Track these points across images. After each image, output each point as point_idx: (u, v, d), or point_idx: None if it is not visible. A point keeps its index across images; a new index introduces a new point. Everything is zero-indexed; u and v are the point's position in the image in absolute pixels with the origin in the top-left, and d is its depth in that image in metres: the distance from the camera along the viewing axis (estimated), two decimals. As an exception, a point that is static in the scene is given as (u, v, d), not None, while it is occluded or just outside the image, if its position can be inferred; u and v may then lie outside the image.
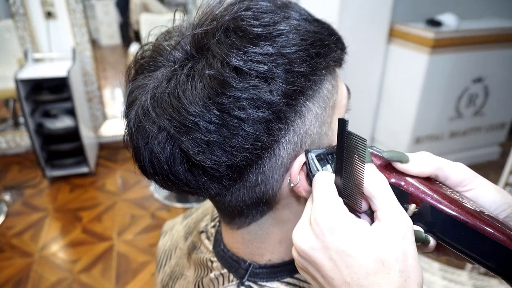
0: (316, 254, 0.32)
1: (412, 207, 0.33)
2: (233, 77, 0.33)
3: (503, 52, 2.38)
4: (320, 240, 0.32)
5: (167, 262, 0.65)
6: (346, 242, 0.30)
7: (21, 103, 2.30)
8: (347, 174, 0.33)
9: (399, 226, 0.30)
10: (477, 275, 1.06)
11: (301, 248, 0.33)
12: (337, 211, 0.32)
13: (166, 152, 0.36)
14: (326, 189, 0.34)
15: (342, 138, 0.32)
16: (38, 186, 2.58)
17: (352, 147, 0.32)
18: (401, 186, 0.34)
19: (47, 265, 1.92)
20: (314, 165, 0.37)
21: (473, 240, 0.31)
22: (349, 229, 0.31)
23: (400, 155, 0.34)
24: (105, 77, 4.66)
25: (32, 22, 2.50)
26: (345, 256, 0.30)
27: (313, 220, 0.33)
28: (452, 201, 0.32)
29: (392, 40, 2.40)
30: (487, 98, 2.51)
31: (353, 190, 0.33)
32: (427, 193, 0.33)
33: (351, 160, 0.32)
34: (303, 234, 0.33)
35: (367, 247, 0.30)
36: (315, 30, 0.37)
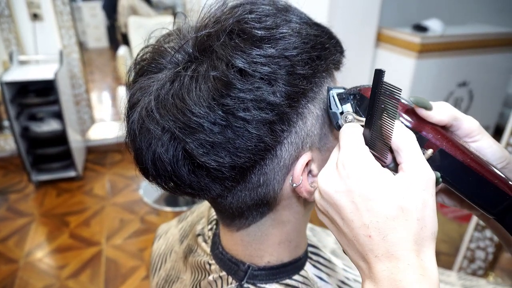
0: (339, 196, 0.33)
1: (429, 152, 0.36)
2: (238, 78, 0.33)
3: (487, 57, 2.44)
4: (344, 183, 0.32)
5: (162, 266, 0.64)
6: (370, 187, 0.31)
7: (6, 106, 2.25)
8: (376, 126, 0.34)
9: (422, 177, 0.32)
10: (465, 275, 1.09)
11: (325, 190, 0.34)
12: (364, 157, 0.33)
13: (169, 154, 0.36)
14: (354, 137, 0.35)
15: (377, 89, 0.33)
16: (24, 190, 2.52)
17: (385, 100, 0.33)
18: (421, 132, 0.36)
19: (33, 271, 1.88)
20: (334, 102, 0.39)
21: (477, 184, 0.35)
22: (374, 175, 0.32)
23: (425, 102, 0.35)
24: (93, 80, 4.61)
25: (17, 24, 2.45)
26: (367, 200, 0.31)
27: (340, 164, 0.33)
28: (463, 150, 0.35)
29: (380, 45, 2.44)
30: (471, 101, 2.57)
31: (380, 141, 0.34)
32: (443, 140, 0.36)
33: (382, 113, 0.33)
34: (329, 177, 0.34)
35: (389, 193, 0.31)
36: (315, 34, 0.38)
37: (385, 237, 0.30)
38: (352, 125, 0.36)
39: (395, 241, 0.30)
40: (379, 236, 0.31)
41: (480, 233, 1.56)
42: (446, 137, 0.36)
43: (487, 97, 2.62)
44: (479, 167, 0.35)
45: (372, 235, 0.31)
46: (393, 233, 0.30)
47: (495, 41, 2.42)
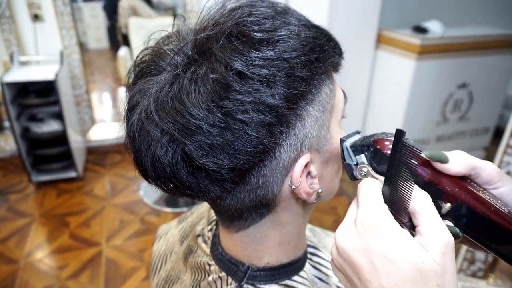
0: (357, 255, 0.32)
1: (447, 206, 0.35)
2: (236, 81, 0.34)
3: (487, 59, 2.44)
4: (363, 242, 0.32)
5: (162, 267, 0.65)
6: (389, 248, 0.31)
7: (6, 107, 2.25)
8: (395, 186, 0.33)
9: (441, 242, 0.31)
10: (465, 276, 1.09)
11: (342, 248, 0.33)
12: (383, 217, 0.32)
13: (168, 155, 0.36)
14: (373, 195, 0.34)
15: (397, 149, 0.33)
16: (24, 191, 2.52)
17: (405, 161, 0.33)
18: (438, 185, 0.35)
19: (33, 272, 1.88)
20: (348, 153, 0.39)
21: (500, 237, 0.34)
22: (393, 236, 0.31)
23: (440, 155, 0.35)
24: (93, 81, 4.61)
25: (18, 25, 2.46)
26: (386, 261, 0.31)
27: (358, 222, 0.33)
28: (483, 201, 0.34)
29: (380, 46, 2.44)
30: (471, 103, 2.58)
31: (399, 201, 0.33)
32: (461, 192, 0.35)
33: (401, 173, 0.33)
34: (347, 234, 0.34)
35: (409, 256, 0.30)
36: (314, 36, 0.38)
37: None
38: (370, 181, 0.35)
39: None
40: None
41: (479, 234, 1.56)
42: (465, 189, 0.35)
43: (487, 98, 2.62)
44: (500, 219, 0.34)
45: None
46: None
47: (495, 42, 2.43)
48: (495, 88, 2.62)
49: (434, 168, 0.35)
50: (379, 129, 2.62)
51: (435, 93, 2.42)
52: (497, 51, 2.45)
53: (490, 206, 0.34)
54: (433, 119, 2.51)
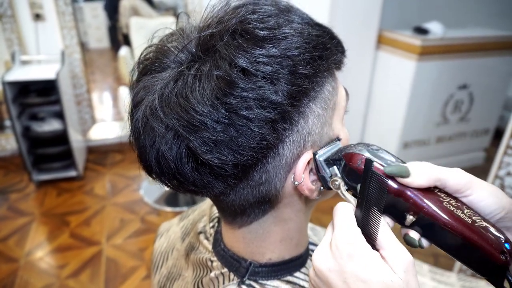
0: (332, 275, 0.34)
1: (410, 218, 0.36)
2: (240, 77, 0.34)
3: (487, 60, 2.45)
4: (338, 263, 0.34)
5: (163, 264, 0.65)
6: (361, 268, 0.33)
7: (7, 105, 2.26)
8: (366, 212, 0.35)
9: (403, 263, 0.33)
10: (465, 276, 1.09)
11: (319, 268, 0.35)
12: (356, 240, 0.34)
13: (173, 151, 0.36)
14: (346, 218, 0.36)
15: (367, 177, 0.35)
16: (24, 190, 2.53)
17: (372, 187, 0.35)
18: (401, 197, 0.36)
19: (33, 270, 1.88)
20: (322, 167, 0.40)
21: (462, 247, 0.35)
22: (365, 258, 0.33)
23: (401, 170, 0.36)
24: (94, 80, 4.61)
25: (20, 24, 2.46)
26: (359, 281, 0.33)
27: (333, 245, 0.35)
28: (446, 213, 0.35)
29: (381, 47, 2.45)
30: (472, 104, 2.58)
31: (369, 226, 0.35)
32: (423, 205, 0.35)
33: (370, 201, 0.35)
34: (323, 256, 0.35)
35: (380, 276, 0.32)
36: (317, 34, 0.39)
37: None
38: (344, 205, 0.37)
39: None
40: None
41: (479, 235, 1.56)
42: (427, 202, 0.35)
43: (487, 100, 2.63)
44: (463, 232, 0.34)
45: None
46: None
47: (496, 44, 2.43)
48: (495, 89, 2.63)
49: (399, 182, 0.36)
50: (379, 130, 2.63)
51: (436, 94, 2.42)
52: (497, 53, 2.46)
53: (452, 217, 0.35)
54: (433, 120, 2.52)
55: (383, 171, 0.36)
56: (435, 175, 0.36)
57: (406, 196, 0.36)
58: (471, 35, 2.43)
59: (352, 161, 0.38)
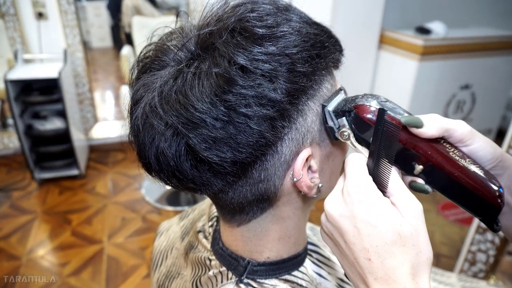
0: (343, 220, 0.35)
1: (419, 168, 0.39)
2: (239, 75, 0.34)
3: (489, 60, 2.44)
4: (349, 209, 0.35)
5: (163, 262, 0.65)
6: (371, 214, 0.34)
7: (10, 104, 2.27)
8: (377, 162, 0.36)
9: (413, 209, 0.35)
10: (466, 277, 1.09)
11: (331, 214, 0.37)
12: (367, 187, 0.36)
13: (172, 148, 0.36)
14: (358, 167, 0.37)
15: (380, 126, 0.36)
16: (27, 188, 2.54)
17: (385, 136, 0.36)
18: (412, 149, 0.38)
19: (35, 268, 1.89)
20: (330, 117, 0.40)
21: (465, 195, 0.38)
22: (376, 203, 0.35)
23: (416, 121, 0.37)
24: (96, 79, 4.63)
25: (22, 23, 2.47)
26: (369, 226, 0.34)
27: (345, 191, 0.36)
28: (452, 163, 0.38)
29: (383, 47, 2.45)
30: (474, 104, 2.57)
31: (380, 175, 0.37)
32: (432, 155, 0.38)
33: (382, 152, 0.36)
34: (335, 202, 0.37)
35: (389, 221, 0.34)
36: (315, 32, 0.39)
37: (384, 261, 0.33)
38: (357, 155, 0.38)
39: (393, 265, 0.33)
40: (378, 259, 0.33)
41: (481, 235, 1.56)
42: (436, 152, 0.38)
43: (490, 100, 2.62)
44: (467, 179, 0.37)
45: (372, 258, 0.33)
46: (391, 258, 0.33)
47: (498, 44, 2.42)
48: (497, 89, 2.62)
49: (410, 133, 0.38)
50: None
51: (438, 94, 2.41)
52: (500, 53, 2.45)
53: (457, 167, 0.38)
54: (435, 120, 2.51)
55: (399, 121, 0.38)
56: (445, 125, 0.38)
57: (417, 146, 0.38)
58: (473, 35, 2.42)
59: (364, 112, 0.39)
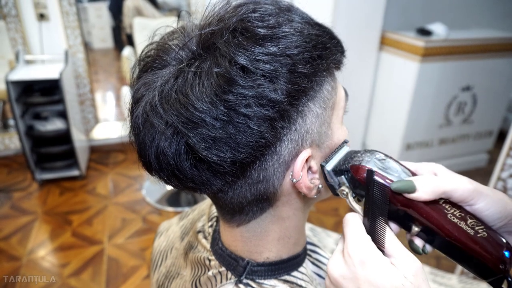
0: (346, 282, 0.36)
1: (415, 230, 0.39)
2: (240, 75, 0.34)
3: (490, 62, 2.44)
4: (351, 271, 0.36)
5: (162, 262, 0.65)
6: (373, 274, 0.35)
7: (11, 105, 2.27)
8: (373, 221, 0.37)
9: (412, 268, 0.35)
10: (466, 278, 1.08)
11: (334, 277, 0.37)
12: (367, 247, 0.36)
13: (172, 148, 0.37)
14: (356, 228, 0.38)
15: (370, 186, 0.37)
16: (27, 189, 2.54)
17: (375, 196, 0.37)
18: (407, 210, 0.38)
19: (35, 269, 1.89)
20: (330, 176, 0.42)
21: (464, 256, 0.38)
22: (377, 264, 0.35)
23: (407, 187, 0.37)
24: (97, 80, 4.63)
25: (24, 24, 2.48)
26: (371, 286, 0.34)
27: (346, 253, 0.37)
28: (450, 225, 0.37)
29: (384, 48, 2.45)
30: (475, 106, 2.57)
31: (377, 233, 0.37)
32: (428, 219, 0.38)
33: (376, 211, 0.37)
34: (337, 264, 0.37)
35: (390, 281, 0.34)
36: (317, 33, 0.39)
37: None
38: (353, 215, 0.39)
39: None
40: None
41: (482, 237, 1.55)
42: (431, 214, 0.37)
43: (491, 101, 2.62)
44: (465, 244, 0.37)
45: None
46: None
47: (499, 45, 2.42)
48: (499, 91, 2.62)
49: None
50: (382, 131, 2.62)
51: (439, 96, 2.41)
52: (501, 54, 2.45)
53: (455, 230, 0.37)
54: (436, 121, 2.51)
55: (390, 188, 0.38)
56: (441, 190, 0.37)
57: (411, 209, 0.38)
58: (474, 36, 2.42)
59: (358, 173, 0.40)
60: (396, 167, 0.40)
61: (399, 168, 0.40)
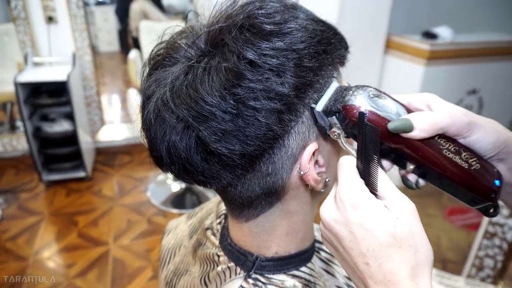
0: (338, 226, 0.36)
1: (411, 167, 0.39)
2: (248, 69, 0.35)
3: (496, 65, 2.43)
4: (342, 215, 0.35)
5: (171, 260, 0.66)
6: (364, 218, 0.34)
7: (19, 106, 2.30)
8: (366, 164, 0.36)
9: (405, 209, 0.34)
10: (473, 280, 1.08)
11: (326, 221, 0.37)
12: (358, 191, 0.36)
13: (183, 141, 0.37)
14: (349, 171, 0.37)
15: (362, 129, 0.36)
16: (34, 190, 2.56)
17: (368, 139, 0.36)
18: (402, 149, 0.38)
19: (41, 269, 1.91)
20: (320, 117, 0.40)
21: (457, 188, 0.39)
22: (368, 207, 0.34)
23: (404, 126, 0.36)
24: (103, 83, 4.67)
25: (33, 27, 2.51)
26: (363, 230, 0.34)
27: (338, 197, 0.36)
28: (444, 160, 0.38)
29: (389, 52, 2.45)
30: (481, 109, 2.56)
31: (370, 176, 0.37)
32: (422, 156, 0.38)
33: (369, 153, 0.36)
34: (329, 209, 0.37)
35: (383, 223, 0.33)
36: (321, 29, 0.40)
37: (381, 265, 0.33)
38: (347, 159, 0.38)
39: (391, 268, 0.33)
40: (375, 263, 0.33)
41: (489, 240, 1.55)
42: (427, 151, 0.38)
43: (497, 105, 2.61)
44: (459, 177, 0.38)
45: (369, 262, 0.33)
46: (388, 261, 0.33)
47: (505, 49, 2.42)
48: (505, 95, 2.61)
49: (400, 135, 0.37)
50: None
51: (445, 99, 2.38)
52: (507, 58, 2.44)
53: (450, 165, 0.38)
54: (442, 124, 2.50)
55: (386, 127, 0.37)
56: (438, 126, 0.37)
57: (407, 148, 0.38)
58: (480, 39, 2.42)
59: (350, 113, 0.38)
60: (390, 104, 0.38)
61: (394, 105, 0.38)
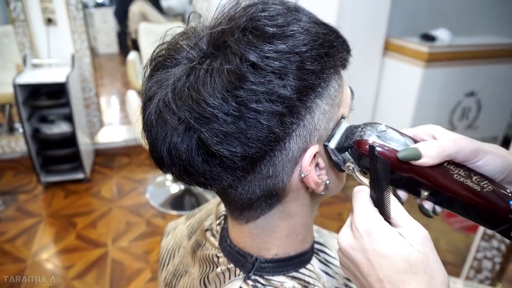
0: (355, 253, 0.37)
1: (424, 194, 0.41)
2: (250, 72, 0.35)
3: (495, 68, 2.44)
4: (359, 242, 0.37)
5: (170, 261, 0.66)
6: (379, 244, 0.36)
7: (18, 108, 2.30)
8: (379, 193, 0.38)
9: (419, 236, 0.36)
10: (471, 282, 1.08)
11: (344, 248, 0.39)
12: (373, 219, 0.37)
13: (184, 143, 0.37)
14: (363, 200, 0.39)
15: (373, 161, 0.38)
16: (33, 191, 2.56)
17: (379, 170, 0.37)
18: (414, 177, 0.40)
19: (39, 271, 1.90)
20: (334, 154, 0.43)
21: (474, 211, 0.39)
22: (383, 234, 0.36)
23: (413, 154, 0.38)
24: (102, 85, 4.67)
25: (32, 28, 2.51)
26: (379, 257, 0.35)
27: (353, 226, 0.38)
28: (457, 185, 0.39)
29: (388, 54, 2.46)
30: (479, 111, 2.57)
31: (383, 205, 0.38)
32: (435, 182, 0.39)
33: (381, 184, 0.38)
34: (346, 236, 0.39)
35: (398, 250, 0.35)
36: (324, 32, 0.40)
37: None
38: (360, 189, 0.40)
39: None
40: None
41: (487, 242, 1.55)
42: (439, 177, 0.39)
43: (495, 107, 2.62)
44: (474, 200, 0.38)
45: None
46: (405, 286, 0.34)
47: (503, 51, 2.43)
48: (503, 97, 2.62)
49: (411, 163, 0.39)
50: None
51: (443, 101, 2.42)
52: (505, 60, 2.45)
53: (463, 189, 0.39)
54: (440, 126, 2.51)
55: (396, 157, 0.39)
56: (446, 153, 0.38)
57: (418, 176, 0.39)
58: (478, 42, 2.43)
59: (362, 147, 0.41)
60: (398, 137, 0.41)
61: (401, 137, 0.41)
